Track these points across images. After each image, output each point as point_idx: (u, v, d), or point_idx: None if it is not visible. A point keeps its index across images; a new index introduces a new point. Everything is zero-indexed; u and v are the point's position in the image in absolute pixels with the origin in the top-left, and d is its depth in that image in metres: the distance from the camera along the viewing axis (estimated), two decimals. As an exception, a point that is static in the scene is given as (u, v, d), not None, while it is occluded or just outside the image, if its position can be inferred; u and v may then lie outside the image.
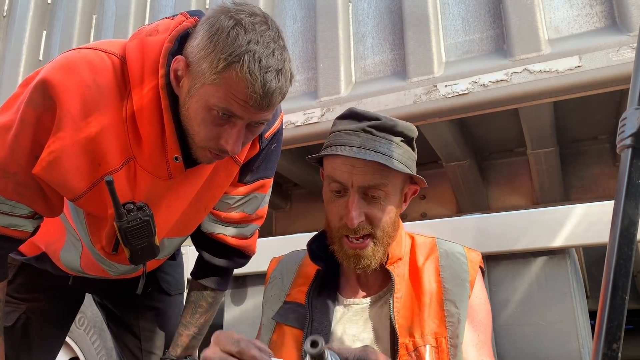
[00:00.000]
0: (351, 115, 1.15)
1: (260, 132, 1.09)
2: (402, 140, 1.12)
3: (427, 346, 1.06)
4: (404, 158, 1.11)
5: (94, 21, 3.23)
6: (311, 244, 1.24)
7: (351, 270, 1.19)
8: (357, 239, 1.11)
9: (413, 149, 1.16)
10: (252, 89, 0.91)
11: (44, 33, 3.39)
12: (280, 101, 0.99)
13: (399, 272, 1.15)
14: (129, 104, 1.02)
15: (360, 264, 1.12)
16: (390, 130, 1.11)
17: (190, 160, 1.07)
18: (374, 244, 1.12)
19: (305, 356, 0.77)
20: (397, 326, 1.08)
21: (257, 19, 0.94)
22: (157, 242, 1.16)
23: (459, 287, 1.13)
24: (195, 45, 0.96)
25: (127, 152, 1.05)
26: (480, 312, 1.15)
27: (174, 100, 1.01)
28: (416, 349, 1.06)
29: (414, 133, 1.15)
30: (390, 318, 1.09)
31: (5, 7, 3.59)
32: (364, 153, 1.06)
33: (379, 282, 1.19)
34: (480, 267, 1.19)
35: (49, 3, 3.45)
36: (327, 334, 1.13)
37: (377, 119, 1.11)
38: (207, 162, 1.07)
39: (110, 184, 1.01)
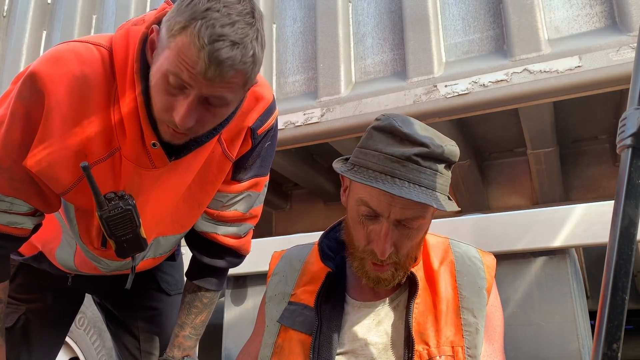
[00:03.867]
0: (392, 131, 1.03)
1: (224, 114, 1.02)
2: (445, 166, 1.04)
3: (443, 357, 1.04)
4: (444, 187, 1.03)
5: (94, 21, 3.22)
6: (321, 242, 1.21)
7: None
8: (380, 263, 1.07)
9: (451, 170, 1.08)
10: (198, 54, 0.87)
11: (44, 33, 3.39)
12: (240, 81, 0.92)
13: (421, 276, 1.12)
14: (116, 95, 1.02)
15: (379, 285, 1.10)
16: (436, 158, 1.01)
17: (175, 152, 1.06)
18: (395, 269, 1.08)
19: None
20: (413, 332, 1.05)
21: None
22: (144, 235, 1.15)
23: (476, 295, 1.10)
24: (166, 16, 0.95)
25: (113, 143, 1.04)
26: (495, 320, 1.13)
27: (148, 85, 0.99)
28: (431, 358, 1.04)
29: (457, 157, 1.07)
30: (408, 323, 1.06)
31: (5, 7, 3.58)
32: (408, 190, 0.97)
33: None
34: None
35: (49, 3, 3.45)
36: (335, 340, 1.10)
37: (424, 145, 1.00)
38: (170, 141, 1.02)
39: (86, 169, 1.00)
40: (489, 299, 1.12)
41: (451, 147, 1.04)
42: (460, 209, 1.10)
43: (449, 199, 1.09)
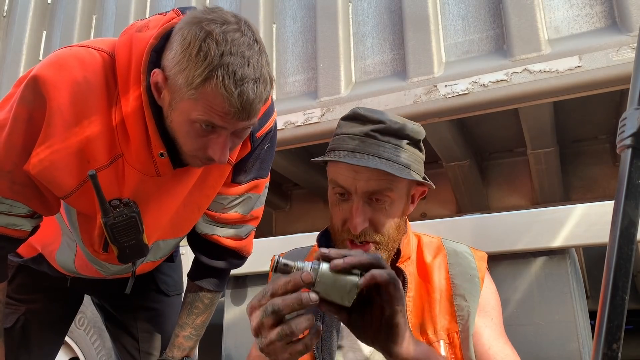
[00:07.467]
0: (355, 117, 1.11)
1: (248, 134, 1.08)
2: (408, 143, 1.09)
3: (442, 342, 1.07)
4: (409, 162, 1.08)
5: (94, 21, 3.22)
6: (319, 240, 1.23)
7: None
8: (360, 242, 1.10)
9: (420, 150, 1.13)
10: (230, 102, 0.90)
11: (44, 33, 3.39)
12: (263, 104, 0.98)
13: (410, 271, 1.15)
14: (118, 101, 1.02)
15: None
16: (395, 133, 1.07)
17: (180, 159, 1.07)
18: (376, 249, 1.10)
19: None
20: (410, 325, 1.07)
21: (229, 27, 0.91)
22: (146, 241, 1.15)
23: (468, 282, 1.13)
24: (170, 58, 0.94)
25: (116, 150, 1.05)
26: (491, 300, 1.16)
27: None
28: (430, 345, 1.06)
29: (421, 135, 1.12)
30: None
31: (5, 7, 3.58)
32: (367, 160, 1.03)
33: None
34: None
35: (49, 3, 3.45)
36: (336, 332, 1.12)
37: (381, 121, 1.07)
38: (198, 167, 1.08)
39: (93, 177, 1.01)
40: (483, 284, 1.15)
41: (413, 125, 1.10)
42: (434, 187, 1.14)
43: (425, 179, 1.14)
